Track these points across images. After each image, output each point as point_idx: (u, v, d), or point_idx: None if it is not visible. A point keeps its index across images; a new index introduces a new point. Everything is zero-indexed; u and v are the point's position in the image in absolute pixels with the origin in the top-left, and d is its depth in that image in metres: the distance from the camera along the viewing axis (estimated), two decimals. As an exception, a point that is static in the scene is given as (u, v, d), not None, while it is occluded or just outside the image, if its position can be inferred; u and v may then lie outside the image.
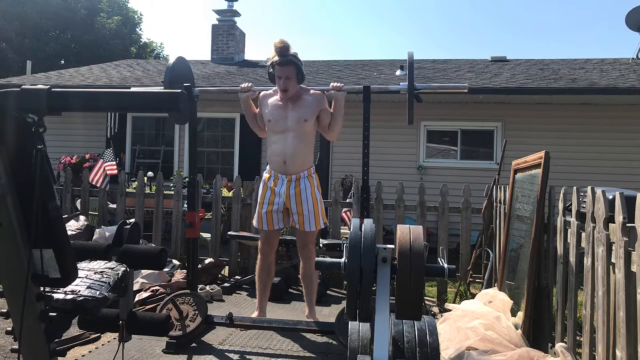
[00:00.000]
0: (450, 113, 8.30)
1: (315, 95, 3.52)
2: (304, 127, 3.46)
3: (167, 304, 3.32)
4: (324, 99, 3.54)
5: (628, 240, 2.03)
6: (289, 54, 3.38)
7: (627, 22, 9.97)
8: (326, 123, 3.53)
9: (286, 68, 3.35)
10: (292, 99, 3.47)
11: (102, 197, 5.83)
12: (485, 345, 2.66)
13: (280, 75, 3.37)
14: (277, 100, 3.51)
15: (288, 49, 3.38)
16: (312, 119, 3.49)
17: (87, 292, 1.59)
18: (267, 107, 3.54)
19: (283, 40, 3.39)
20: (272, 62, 3.40)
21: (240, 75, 9.95)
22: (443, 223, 4.88)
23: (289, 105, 3.47)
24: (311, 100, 3.49)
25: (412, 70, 3.39)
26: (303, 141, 3.49)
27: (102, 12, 23.37)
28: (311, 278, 3.61)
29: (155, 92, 1.32)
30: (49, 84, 2.68)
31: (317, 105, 3.49)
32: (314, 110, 3.48)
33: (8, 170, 1.29)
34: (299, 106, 3.46)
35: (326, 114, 3.53)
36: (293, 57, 3.39)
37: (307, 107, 3.47)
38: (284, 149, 3.47)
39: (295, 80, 3.42)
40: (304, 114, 3.45)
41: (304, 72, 3.46)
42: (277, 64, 3.36)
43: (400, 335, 1.89)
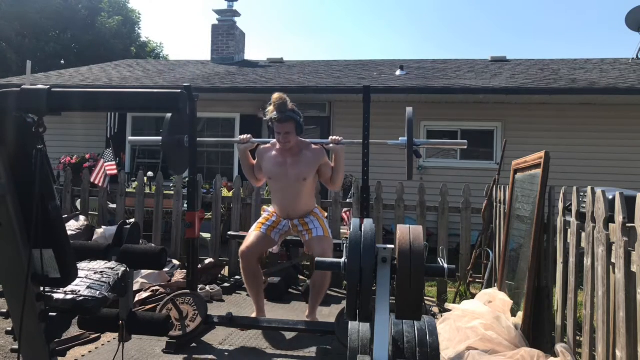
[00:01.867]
0: (450, 113, 8.30)
1: (315, 150, 3.55)
2: (304, 184, 3.53)
3: (167, 304, 3.32)
4: (324, 154, 3.58)
5: (628, 240, 2.03)
6: (288, 109, 3.40)
7: (627, 22, 9.97)
8: (327, 177, 3.58)
9: (285, 124, 3.39)
10: (291, 154, 3.51)
11: (102, 197, 5.83)
12: (485, 345, 2.66)
13: (280, 131, 3.41)
14: (277, 155, 3.54)
15: (286, 104, 3.40)
16: (312, 175, 3.55)
17: (87, 292, 1.59)
18: (266, 163, 3.58)
19: (281, 96, 3.42)
20: (271, 117, 3.42)
21: (240, 75, 9.95)
22: (443, 223, 4.89)
23: (288, 162, 3.50)
24: (311, 156, 3.52)
25: (411, 127, 3.46)
26: (304, 196, 3.57)
27: (103, 12, 23.36)
28: (323, 285, 3.56)
29: (155, 92, 1.32)
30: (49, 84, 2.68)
31: (317, 161, 3.54)
32: (313, 167, 3.53)
33: (8, 171, 1.29)
34: (298, 163, 3.49)
35: (327, 168, 3.58)
36: (291, 113, 3.41)
37: (307, 164, 3.51)
38: (285, 203, 3.58)
39: (295, 135, 3.46)
40: (303, 172, 3.50)
41: (303, 125, 3.49)
42: (276, 121, 3.39)
43: (400, 335, 1.89)
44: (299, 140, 3.51)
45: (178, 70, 11.05)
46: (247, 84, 8.87)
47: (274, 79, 9.53)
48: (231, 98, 8.82)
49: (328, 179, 3.59)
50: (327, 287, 3.69)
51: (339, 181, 3.62)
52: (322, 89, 8.31)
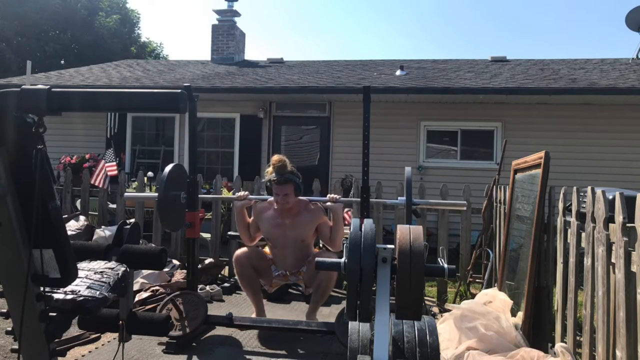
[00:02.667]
0: (450, 113, 8.31)
1: (313, 211, 3.58)
2: (303, 245, 3.57)
3: (167, 304, 3.32)
4: (322, 214, 3.61)
5: (628, 240, 2.03)
6: (287, 171, 3.43)
7: (627, 22, 9.97)
8: (327, 236, 3.60)
9: (284, 187, 3.41)
10: (290, 215, 3.52)
11: (102, 197, 5.83)
12: (485, 345, 2.66)
13: (279, 192, 3.43)
14: (275, 216, 3.55)
15: (286, 167, 3.43)
16: (310, 236, 3.59)
17: (87, 292, 1.59)
18: (264, 224, 3.60)
19: (281, 158, 3.45)
20: (270, 179, 3.45)
21: (240, 75, 9.95)
22: (443, 223, 4.88)
23: (287, 223, 3.52)
24: (309, 218, 3.55)
25: (410, 188, 3.48)
26: (302, 252, 3.59)
27: (101, 12, 23.35)
28: (326, 290, 3.56)
29: (155, 92, 1.32)
30: (49, 84, 2.68)
31: (315, 221, 3.57)
32: (311, 228, 3.57)
33: (8, 171, 1.29)
34: (296, 225, 3.51)
35: (325, 227, 3.60)
36: (290, 175, 3.44)
37: (305, 226, 3.54)
38: (284, 261, 3.61)
39: (293, 196, 3.48)
40: (302, 234, 3.53)
41: (301, 187, 3.52)
42: (275, 183, 3.42)
43: (400, 335, 1.89)
44: (298, 199, 3.53)
45: (178, 70, 11.05)
46: (247, 84, 8.87)
47: (274, 79, 9.53)
48: (231, 98, 8.81)
49: (327, 238, 3.61)
50: (331, 291, 3.70)
51: (338, 239, 3.61)
52: (322, 89, 8.31)
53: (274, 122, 8.88)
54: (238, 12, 12.01)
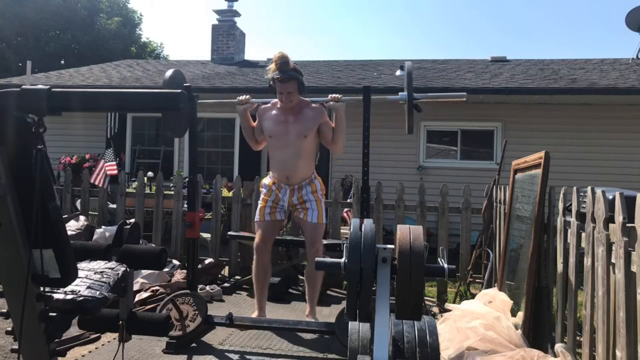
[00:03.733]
0: (450, 113, 8.30)
1: (315, 109, 3.54)
2: (305, 142, 3.50)
3: (167, 304, 3.32)
4: (324, 113, 3.56)
5: (628, 240, 2.03)
6: (289, 68, 3.37)
7: (627, 22, 9.97)
8: (329, 137, 3.57)
9: (287, 84, 3.36)
10: (292, 113, 3.49)
11: (102, 197, 5.83)
12: (485, 345, 2.66)
13: (282, 91, 3.38)
14: (278, 114, 3.52)
15: (288, 63, 3.37)
16: (312, 133, 3.53)
17: (87, 292, 1.59)
18: (267, 122, 3.56)
19: (283, 55, 3.38)
20: (273, 77, 3.38)
21: (240, 75, 9.95)
22: (443, 223, 4.88)
23: (290, 120, 3.49)
24: (311, 114, 3.51)
25: (410, 80, 3.40)
26: (304, 155, 3.54)
27: (102, 13, 23.36)
28: (316, 279, 3.59)
29: (155, 92, 1.32)
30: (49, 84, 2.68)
31: (317, 119, 3.52)
32: (314, 125, 3.52)
33: (8, 171, 1.29)
34: (299, 121, 3.48)
35: (327, 127, 3.56)
36: (293, 72, 3.38)
37: (308, 121, 3.49)
38: (285, 164, 3.54)
39: (297, 94, 3.43)
40: (304, 129, 3.48)
41: (305, 83, 3.47)
42: (278, 80, 3.36)
43: (400, 335, 1.89)
44: (300, 99, 3.49)
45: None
46: (247, 84, 8.87)
47: (274, 79, 9.51)
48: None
49: (329, 139, 3.56)
50: (322, 280, 3.72)
51: (340, 141, 3.57)
52: (322, 89, 8.30)
53: (274, 122, 8.86)
54: (238, 12, 12.01)
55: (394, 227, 3.84)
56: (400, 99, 3.48)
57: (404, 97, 3.43)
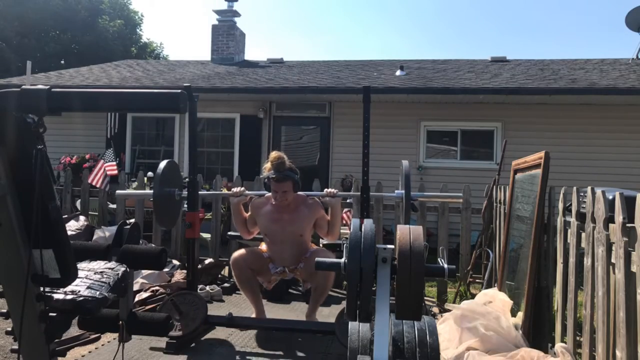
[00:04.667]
0: (450, 113, 8.31)
1: (311, 206, 3.57)
2: (300, 240, 3.55)
3: (167, 304, 3.32)
4: (320, 208, 3.59)
5: (628, 240, 2.03)
6: (285, 168, 3.40)
7: (627, 23, 9.97)
8: (324, 230, 3.59)
9: (283, 184, 3.40)
10: (288, 210, 3.51)
11: (102, 198, 5.83)
12: (485, 345, 2.66)
13: (277, 189, 3.42)
14: (272, 211, 3.54)
15: (284, 163, 3.41)
16: (308, 230, 3.58)
17: (87, 293, 1.59)
18: (262, 219, 3.58)
19: (280, 155, 3.42)
20: (269, 175, 3.42)
21: (240, 76, 9.95)
22: (443, 223, 4.88)
23: (285, 218, 3.50)
24: (307, 212, 3.54)
25: (408, 181, 3.44)
26: (300, 247, 3.57)
27: (104, 14, 23.35)
28: (324, 291, 3.56)
29: (155, 92, 1.32)
30: (49, 84, 2.68)
31: (313, 216, 3.56)
32: (309, 223, 3.56)
33: (8, 171, 1.29)
34: (294, 220, 3.50)
35: (323, 221, 3.58)
36: (289, 172, 3.41)
37: (303, 220, 3.53)
38: (282, 256, 3.58)
39: (292, 193, 3.46)
40: (300, 229, 3.52)
41: (300, 183, 3.50)
42: (273, 180, 3.39)
43: (400, 335, 1.89)
44: (296, 194, 3.52)
45: (178, 70, 11.05)
46: (247, 84, 8.87)
47: (274, 79, 9.53)
48: (231, 98, 8.81)
49: (325, 232, 3.61)
50: (329, 290, 3.69)
51: (335, 233, 3.62)
52: (322, 89, 8.31)
53: (274, 122, 8.88)
54: (238, 12, 12.01)
55: (394, 227, 3.84)
56: (397, 198, 3.54)
57: (400, 195, 3.50)
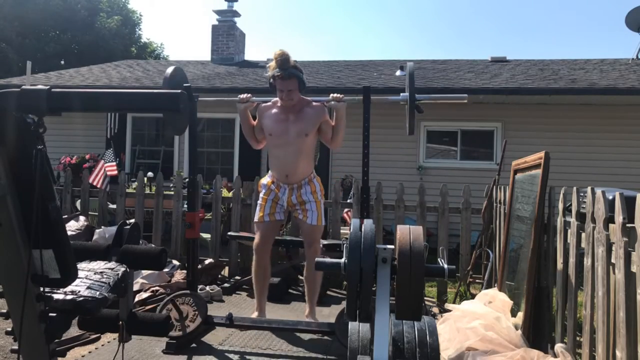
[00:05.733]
0: (450, 113, 8.29)
1: (316, 107, 3.52)
2: (305, 141, 3.49)
3: (167, 304, 3.32)
4: (325, 111, 3.55)
5: (628, 240, 2.03)
6: (290, 66, 3.34)
7: (627, 23, 9.98)
8: (328, 135, 3.56)
9: (288, 82, 3.33)
10: (293, 111, 3.47)
11: (102, 198, 5.83)
12: (485, 345, 2.66)
13: (282, 88, 3.36)
14: (278, 113, 3.50)
15: (288, 60, 3.34)
16: (313, 132, 3.51)
17: (87, 293, 1.59)
18: (267, 120, 3.54)
19: (283, 52, 3.35)
20: (273, 74, 3.35)
21: (240, 76, 9.95)
22: (443, 223, 4.88)
23: (290, 118, 3.47)
24: (312, 113, 3.49)
25: (412, 81, 3.37)
26: (304, 154, 3.53)
27: (102, 13, 23.35)
28: (314, 279, 3.59)
29: (155, 93, 1.32)
30: (49, 84, 2.68)
31: (318, 118, 3.51)
32: (314, 124, 3.50)
33: (8, 171, 1.29)
34: (300, 120, 3.46)
35: (327, 125, 3.55)
36: (294, 70, 3.35)
37: (308, 120, 3.48)
38: (285, 163, 3.53)
39: (297, 92, 3.41)
40: (305, 128, 3.46)
41: (305, 81, 3.45)
42: (278, 78, 3.33)
43: (400, 335, 1.89)
44: (301, 97, 3.47)
45: (178, 70, 11.03)
46: (247, 84, 8.87)
47: (274, 79, 9.51)
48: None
49: (329, 138, 3.56)
50: (321, 281, 3.71)
51: (339, 139, 3.58)
52: (322, 89, 8.30)
53: (274, 122, 8.86)
54: (238, 13, 12.01)
55: (394, 227, 3.84)
56: (402, 100, 3.46)
57: (405, 97, 3.42)
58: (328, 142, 3.62)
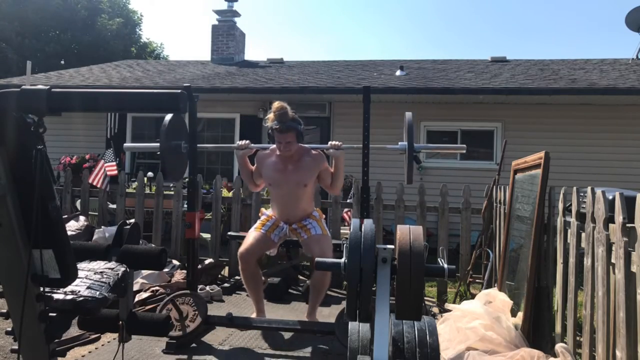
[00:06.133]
0: (450, 113, 8.30)
1: (315, 156, 3.55)
2: (304, 190, 3.52)
3: (167, 304, 3.32)
4: (324, 159, 3.58)
5: (628, 240, 2.03)
6: (288, 119, 3.37)
7: (627, 23, 9.98)
8: (328, 182, 3.59)
9: (286, 134, 3.37)
10: (292, 161, 3.50)
11: (102, 198, 5.83)
12: (485, 345, 2.66)
13: (280, 140, 3.39)
14: (277, 162, 3.52)
15: (287, 114, 3.37)
16: (312, 181, 3.55)
17: (87, 293, 1.59)
18: (266, 169, 3.57)
19: (282, 106, 3.38)
20: (272, 126, 3.39)
21: (240, 76, 9.95)
22: (443, 223, 4.88)
23: (289, 168, 3.49)
24: (311, 162, 3.52)
25: (411, 132, 3.41)
26: (304, 199, 3.56)
27: (103, 14, 23.34)
28: (323, 286, 3.55)
29: (155, 93, 1.32)
30: (49, 84, 2.68)
31: (317, 167, 3.54)
32: (313, 173, 3.53)
33: (8, 171, 1.29)
34: (298, 169, 3.49)
35: (326, 173, 3.57)
36: (292, 123, 3.38)
37: (307, 170, 3.50)
38: (285, 208, 3.56)
39: (296, 144, 3.44)
40: (304, 178, 3.49)
41: (303, 133, 3.48)
42: (277, 131, 3.37)
43: (400, 335, 1.89)
44: (299, 146, 3.50)
45: (178, 70, 11.05)
46: (247, 84, 8.87)
47: (274, 79, 9.53)
48: (231, 98, 8.81)
49: (328, 184, 3.61)
50: (327, 288, 3.68)
51: (338, 186, 3.63)
52: (322, 89, 8.31)
53: (274, 122, 8.86)
54: (238, 13, 12.01)
55: (394, 227, 3.84)
56: (400, 149, 3.51)
57: (403, 147, 3.46)
58: (327, 188, 3.66)
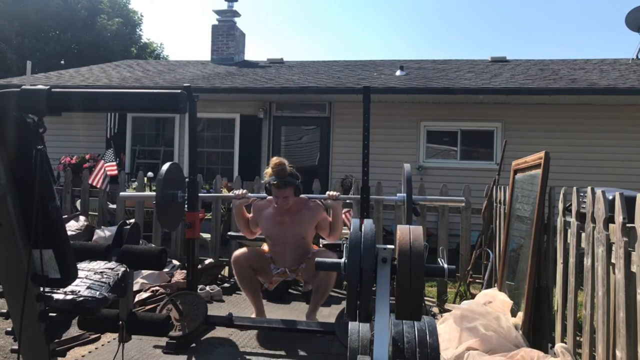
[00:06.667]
0: (450, 113, 8.30)
1: (312, 208, 3.57)
2: (302, 241, 3.56)
3: (167, 304, 3.32)
4: (321, 210, 3.60)
5: (628, 240, 2.03)
6: (286, 175, 3.40)
7: (627, 23, 9.98)
8: (326, 231, 3.61)
9: (284, 190, 3.40)
10: (289, 213, 3.52)
11: (102, 198, 5.83)
12: (485, 345, 2.66)
13: (278, 195, 3.42)
14: (274, 214, 3.54)
15: (285, 170, 3.41)
16: (310, 233, 3.59)
17: (87, 293, 1.59)
18: (264, 222, 3.59)
19: (281, 162, 3.42)
20: (270, 181, 3.43)
21: (240, 76, 9.95)
22: (443, 223, 4.88)
23: (287, 221, 3.51)
24: (308, 214, 3.54)
25: (410, 184, 3.42)
26: (302, 248, 3.58)
27: (103, 14, 23.34)
28: (325, 291, 3.56)
29: (155, 93, 1.32)
30: (49, 84, 2.68)
31: (315, 218, 3.56)
32: (311, 225, 3.56)
33: (8, 171, 1.29)
34: (296, 222, 3.51)
35: (325, 222, 3.60)
36: (290, 179, 3.42)
37: (305, 223, 3.53)
38: (283, 257, 3.59)
39: (293, 198, 3.47)
40: (302, 231, 3.53)
41: (301, 187, 3.50)
42: (274, 187, 3.40)
43: (400, 335, 1.89)
44: (297, 198, 3.52)
45: (178, 70, 11.04)
46: (247, 84, 8.87)
47: (274, 79, 9.53)
48: (231, 98, 8.81)
49: (327, 233, 3.64)
50: (332, 288, 3.69)
51: (337, 234, 3.65)
52: (322, 89, 8.31)
53: (274, 122, 8.88)
54: (238, 13, 12.01)
55: (394, 227, 3.84)
56: (399, 200, 3.53)
57: (402, 198, 3.48)
58: (326, 236, 3.69)
